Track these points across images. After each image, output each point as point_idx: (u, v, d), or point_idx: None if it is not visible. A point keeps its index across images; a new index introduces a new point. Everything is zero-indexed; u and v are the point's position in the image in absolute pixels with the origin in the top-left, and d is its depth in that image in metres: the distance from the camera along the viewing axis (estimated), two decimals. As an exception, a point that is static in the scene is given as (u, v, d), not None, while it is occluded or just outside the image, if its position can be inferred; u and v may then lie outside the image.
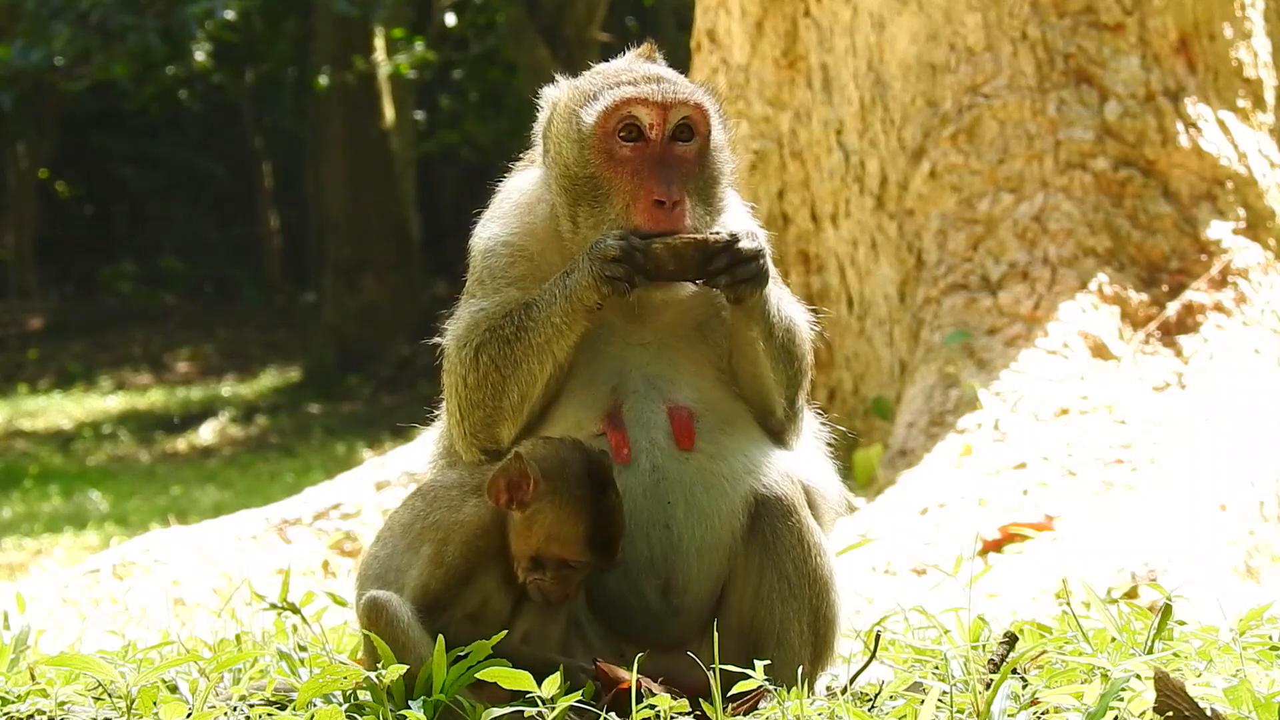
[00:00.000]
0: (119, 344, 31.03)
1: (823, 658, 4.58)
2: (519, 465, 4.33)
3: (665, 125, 4.49)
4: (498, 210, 4.74)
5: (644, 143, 4.49)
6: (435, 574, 4.32)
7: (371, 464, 10.18)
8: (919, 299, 9.83)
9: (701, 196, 4.54)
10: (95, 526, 16.08)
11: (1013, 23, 9.86)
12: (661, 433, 4.51)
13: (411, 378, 26.40)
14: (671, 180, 4.46)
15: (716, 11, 10.58)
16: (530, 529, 4.34)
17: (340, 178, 27.75)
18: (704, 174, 4.55)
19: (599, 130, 4.49)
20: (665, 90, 4.51)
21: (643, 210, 4.45)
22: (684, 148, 4.52)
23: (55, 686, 4.63)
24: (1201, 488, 8.36)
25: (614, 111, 4.49)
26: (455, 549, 4.34)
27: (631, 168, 4.49)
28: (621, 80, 4.55)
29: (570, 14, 25.80)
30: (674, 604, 4.49)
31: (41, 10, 22.56)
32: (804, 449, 4.72)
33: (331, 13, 25.21)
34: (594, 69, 4.68)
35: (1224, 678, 4.34)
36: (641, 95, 4.49)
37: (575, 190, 4.53)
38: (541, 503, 4.33)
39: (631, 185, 4.48)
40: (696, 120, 4.53)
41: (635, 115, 4.48)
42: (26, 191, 34.43)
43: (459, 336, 4.60)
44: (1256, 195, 9.82)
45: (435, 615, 4.28)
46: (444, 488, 4.49)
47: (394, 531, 4.47)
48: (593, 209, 4.51)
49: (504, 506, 4.35)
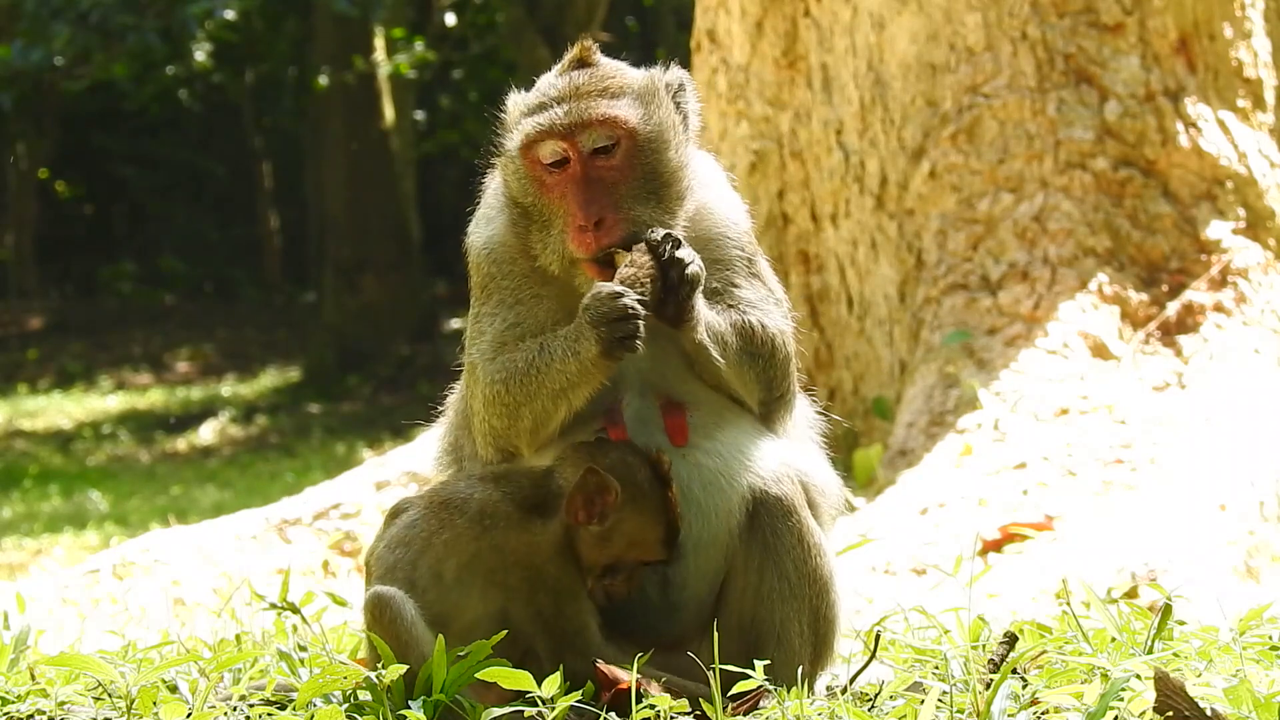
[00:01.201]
0: (119, 344, 31.02)
1: (823, 658, 4.59)
2: (598, 480, 4.33)
3: (578, 148, 4.51)
4: (487, 209, 4.76)
5: (566, 165, 4.53)
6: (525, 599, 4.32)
7: (371, 464, 10.18)
8: (919, 299, 9.83)
9: (645, 191, 4.54)
10: (95, 526, 16.07)
11: (1013, 23, 9.86)
12: (658, 429, 4.51)
13: (411, 378, 26.40)
14: (592, 199, 4.48)
15: (716, 11, 10.58)
16: (610, 538, 4.35)
17: (340, 178, 27.74)
18: (638, 173, 4.55)
19: (524, 159, 4.55)
20: (570, 114, 4.51)
21: (574, 237, 4.49)
22: (606, 159, 4.53)
23: (55, 686, 4.62)
24: (1201, 488, 8.36)
25: (529, 147, 4.54)
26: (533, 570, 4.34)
27: (559, 192, 4.53)
28: (540, 103, 4.57)
29: (570, 14, 25.81)
30: (672, 600, 4.50)
31: (41, 10, 22.56)
32: (798, 440, 4.72)
33: (331, 13, 25.20)
34: (538, 83, 4.67)
35: (1224, 678, 4.34)
36: (545, 127, 4.52)
37: (522, 213, 4.59)
38: (622, 512, 4.34)
39: (561, 210, 4.52)
40: (613, 132, 4.53)
41: (545, 148, 4.52)
42: (26, 191, 34.42)
43: (483, 353, 4.60)
44: (1256, 195, 9.82)
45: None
46: (492, 503, 4.41)
47: (428, 542, 4.39)
48: (538, 231, 4.57)
49: (582, 523, 4.35)
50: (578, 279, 4.54)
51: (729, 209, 4.75)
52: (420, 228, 30.17)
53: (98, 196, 37.42)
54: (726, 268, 4.66)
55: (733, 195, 4.80)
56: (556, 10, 25.94)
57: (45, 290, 35.00)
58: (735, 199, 4.80)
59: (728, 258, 4.68)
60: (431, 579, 4.33)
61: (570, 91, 4.56)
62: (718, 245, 4.68)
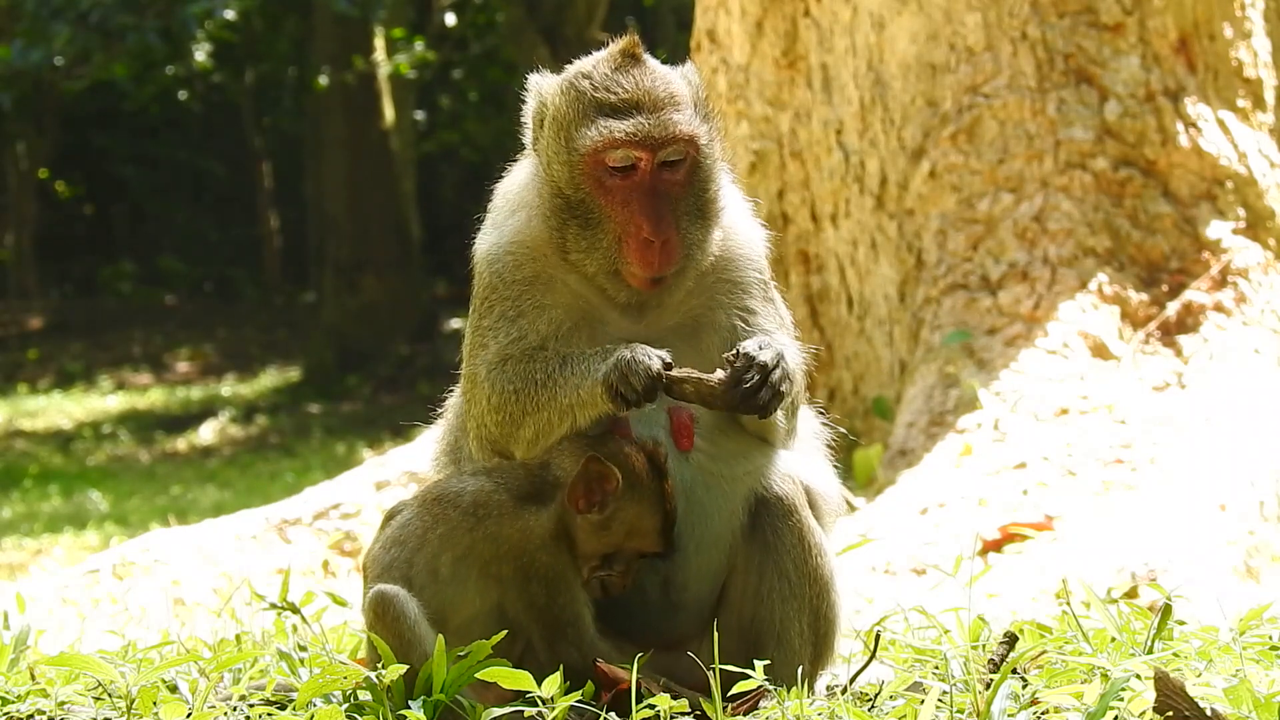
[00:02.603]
0: (119, 344, 31.03)
1: (823, 657, 4.59)
2: (600, 468, 4.34)
3: (654, 160, 4.48)
4: (496, 216, 4.71)
5: (634, 173, 4.48)
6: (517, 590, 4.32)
7: (371, 464, 10.18)
8: (919, 299, 9.83)
9: (695, 212, 4.52)
10: (95, 526, 16.08)
11: (1013, 23, 9.86)
12: (663, 431, 4.51)
13: (411, 378, 26.41)
14: (661, 213, 4.44)
15: (716, 11, 10.58)
16: (608, 528, 4.36)
17: (340, 178, 27.74)
18: (694, 190, 4.53)
19: (589, 160, 4.47)
20: (655, 127, 4.45)
21: (634, 250, 4.44)
22: (673, 174, 4.50)
23: (55, 686, 4.62)
24: (1201, 488, 8.36)
25: (603, 149, 4.46)
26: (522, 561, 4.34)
27: (621, 198, 4.47)
28: (612, 102, 4.49)
29: (570, 14, 25.80)
30: (673, 600, 4.50)
31: (41, 10, 22.56)
32: (804, 449, 4.73)
33: (331, 12, 25.21)
34: (580, 70, 4.57)
35: (1224, 678, 4.34)
36: (631, 135, 4.44)
37: (566, 210, 4.51)
38: (622, 501, 4.34)
39: (622, 218, 4.46)
40: (686, 149, 4.50)
41: (624, 155, 4.46)
42: (26, 191, 34.43)
43: (489, 364, 4.56)
44: (1256, 195, 9.82)
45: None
46: (485, 494, 4.43)
47: (423, 538, 4.39)
48: (582, 231, 4.49)
49: (583, 511, 4.36)
50: (607, 285, 4.51)
51: (749, 228, 4.75)
52: (420, 228, 30.18)
53: (98, 196, 37.43)
54: (745, 292, 4.66)
55: (748, 210, 4.79)
56: (556, 10, 25.93)
57: (45, 290, 35.01)
58: (751, 216, 4.79)
59: (746, 281, 4.67)
60: (428, 575, 4.33)
61: (643, 96, 4.49)
62: (738, 267, 4.66)
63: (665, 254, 4.44)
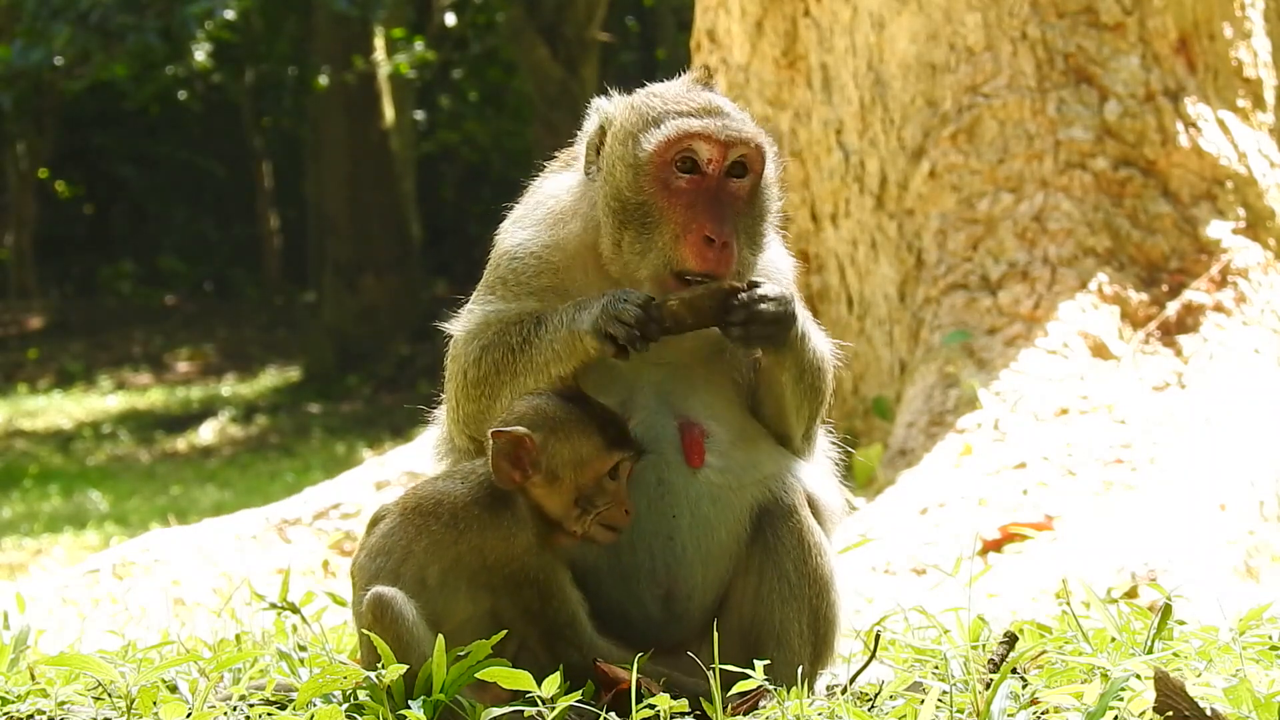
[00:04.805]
0: (119, 344, 31.03)
1: (823, 657, 4.59)
2: (505, 436, 4.33)
3: (724, 161, 4.50)
4: (530, 215, 4.72)
5: (700, 176, 4.49)
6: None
7: (371, 464, 10.18)
8: (919, 299, 9.83)
9: (748, 234, 4.55)
10: (95, 526, 16.08)
11: (1013, 23, 9.86)
12: (670, 447, 4.50)
13: (411, 378, 26.40)
14: (724, 218, 4.46)
15: (716, 11, 10.58)
16: (558, 477, 4.34)
17: (340, 178, 27.75)
18: (753, 211, 4.56)
19: (657, 158, 4.48)
20: (728, 126, 4.50)
21: (693, 245, 4.45)
22: (738, 184, 4.52)
23: (55, 686, 4.62)
24: (1201, 488, 8.36)
25: (675, 142, 4.48)
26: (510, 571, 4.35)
27: (685, 200, 4.48)
28: (683, 109, 4.53)
29: (570, 14, 25.80)
30: (675, 612, 4.50)
31: (41, 10, 22.56)
32: (812, 463, 4.73)
33: (331, 12, 25.20)
34: (650, 90, 4.64)
35: (1224, 678, 4.34)
36: (704, 130, 4.48)
37: (624, 213, 4.51)
38: (550, 448, 4.33)
39: (683, 218, 4.47)
40: (753, 159, 4.53)
41: (695, 149, 4.48)
42: (26, 191, 34.42)
43: (469, 331, 4.62)
44: (1256, 195, 9.82)
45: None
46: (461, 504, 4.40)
47: (408, 549, 4.38)
48: (639, 234, 4.50)
49: (521, 482, 4.35)
50: (654, 292, 4.47)
51: (780, 258, 4.77)
52: (420, 228, 30.19)
53: (98, 196, 37.43)
54: None
55: (780, 241, 4.80)
56: (556, 10, 25.94)
57: (45, 290, 35.01)
58: (782, 245, 4.80)
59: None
60: (417, 585, 4.32)
61: (719, 108, 4.54)
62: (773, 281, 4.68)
63: (724, 255, 4.45)
